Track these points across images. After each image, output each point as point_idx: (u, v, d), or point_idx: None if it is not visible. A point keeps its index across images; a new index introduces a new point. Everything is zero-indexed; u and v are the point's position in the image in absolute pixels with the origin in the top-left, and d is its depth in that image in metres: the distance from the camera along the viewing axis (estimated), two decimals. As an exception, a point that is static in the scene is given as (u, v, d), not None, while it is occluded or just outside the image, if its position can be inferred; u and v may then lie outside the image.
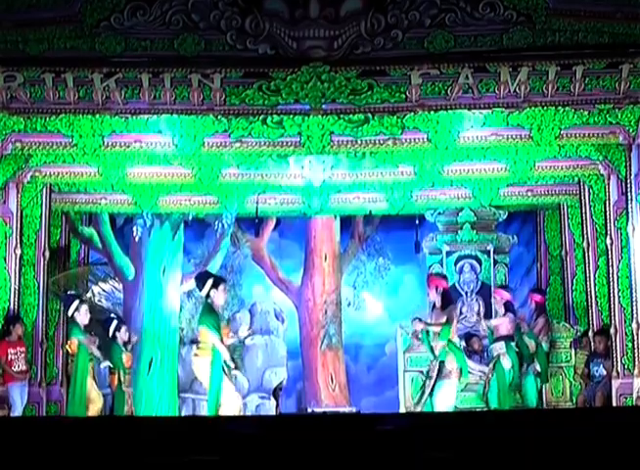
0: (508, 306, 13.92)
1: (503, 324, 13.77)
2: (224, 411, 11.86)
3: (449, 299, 12.78)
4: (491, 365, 13.72)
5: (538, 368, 13.83)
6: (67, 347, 13.36)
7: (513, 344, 13.71)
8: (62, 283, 14.93)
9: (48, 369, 13.58)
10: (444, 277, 13.40)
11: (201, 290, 12.43)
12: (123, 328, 13.89)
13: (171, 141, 12.32)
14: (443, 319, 12.43)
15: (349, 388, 16.45)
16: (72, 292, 14.38)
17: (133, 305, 15.57)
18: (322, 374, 16.08)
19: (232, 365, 12.35)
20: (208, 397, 12.09)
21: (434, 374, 12.47)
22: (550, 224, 16.08)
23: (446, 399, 12.40)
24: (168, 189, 13.82)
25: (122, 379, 13.59)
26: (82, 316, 13.22)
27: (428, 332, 12.60)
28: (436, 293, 12.70)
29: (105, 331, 13.73)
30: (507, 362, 13.55)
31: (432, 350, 12.57)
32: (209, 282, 12.29)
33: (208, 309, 12.25)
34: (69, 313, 13.29)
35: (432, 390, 12.45)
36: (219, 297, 12.32)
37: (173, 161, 12.92)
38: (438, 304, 12.61)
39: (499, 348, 13.67)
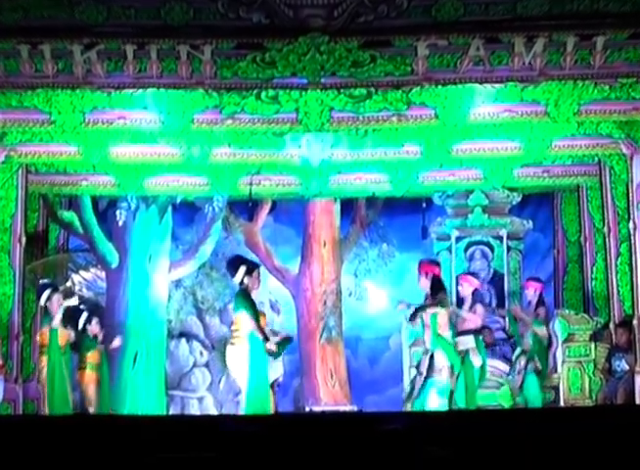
0: (476, 296, 13.44)
1: (471, 317, 13.14)
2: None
3: (438, 286, 12.78)
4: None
5: (539, 366, 13.79)
6: (37, 337, 13.34)
7: (481, 338, 13.33)
8: (39, 271, 14.95)
9: (25, 364, 13.54)
10: (436, 263, 13.41)
11: (233, 276, 12.54)
12: (94, 321, 13.89)
13: (158, 118, 12.34)
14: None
15: (350, 385, 16.43)
16: (46, 281, 14.35)
17: (117, 295, 15.59)
18: (321, 369, 16.07)
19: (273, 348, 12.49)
20: (247, 389, 12.12)
21: (424, 369, 12.48)
22: (568, 208, 16.06)
23: (436, 400, 12.39)
24: (155, 170, 13.80)
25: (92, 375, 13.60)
26: (54, 306, 13.21)
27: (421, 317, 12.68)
28: (427, 279, 12.74)
29: (74, 323, 13.72)
30: (477, 360, 13.03)
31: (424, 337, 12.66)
32: (243, 269, 12.40)
33: (244, 295, 12.34)
34: (42, 303, 13.32)
35: (421, 388, 12.45)
36: (254, 283, 12.45)
37: (160, 139, 12.90)
38: (428, 291, 12.68)
39: (467, 342, 13.04)
